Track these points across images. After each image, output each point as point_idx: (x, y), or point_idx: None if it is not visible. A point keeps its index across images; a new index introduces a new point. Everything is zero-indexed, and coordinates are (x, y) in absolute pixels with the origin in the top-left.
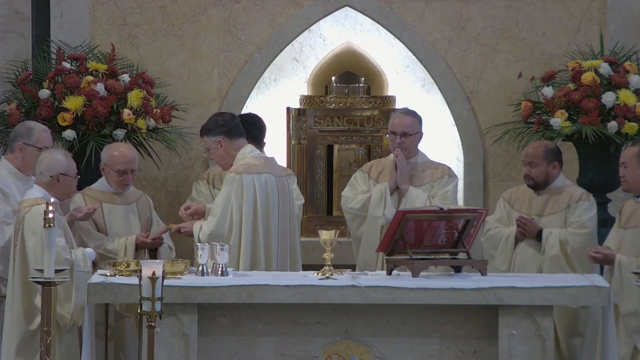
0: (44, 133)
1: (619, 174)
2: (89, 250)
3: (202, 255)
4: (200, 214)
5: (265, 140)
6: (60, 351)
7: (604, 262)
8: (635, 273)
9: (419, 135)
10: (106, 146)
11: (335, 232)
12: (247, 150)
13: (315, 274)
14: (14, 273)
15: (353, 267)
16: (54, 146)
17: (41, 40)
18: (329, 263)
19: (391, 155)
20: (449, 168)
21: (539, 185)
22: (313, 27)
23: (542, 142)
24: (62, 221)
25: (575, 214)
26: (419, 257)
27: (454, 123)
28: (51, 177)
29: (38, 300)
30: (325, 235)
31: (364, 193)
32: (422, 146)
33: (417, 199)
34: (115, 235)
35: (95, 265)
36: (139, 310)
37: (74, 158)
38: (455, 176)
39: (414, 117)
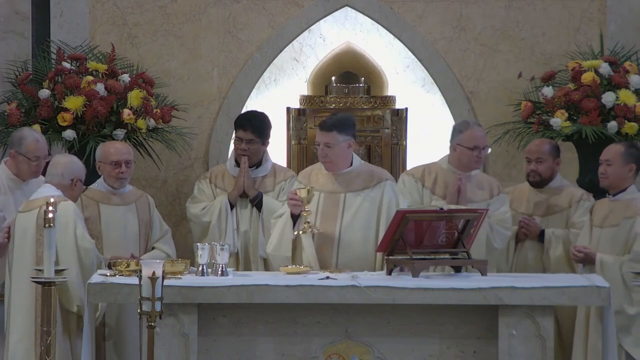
0: (35, 143)
1: (599, 171)
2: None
3: (202, 255)
4: None
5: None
6: (76, 351)
7: (585, 261)
8: (636, 273)
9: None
10: (99, 145)
11: (311, 189)
12: (357, 156)
13: (295, 233)
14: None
15: None
16: (58, 149)
17: (41, 40)
18: (308, 220)
19: (441, 161)
20: (499, 184)
21: (543, 182)
22: (313, 27)
23: (544, 139)
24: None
25: (577, 214)
26: (419, 257)
27: (454, 123)
28: (72, 180)
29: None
30: (302, 193)
31: (417, 203)
32: (422, 146)
33: None
34: (111, 236)
35: None
36: (139, 310)
37: None
38: (504, 192)
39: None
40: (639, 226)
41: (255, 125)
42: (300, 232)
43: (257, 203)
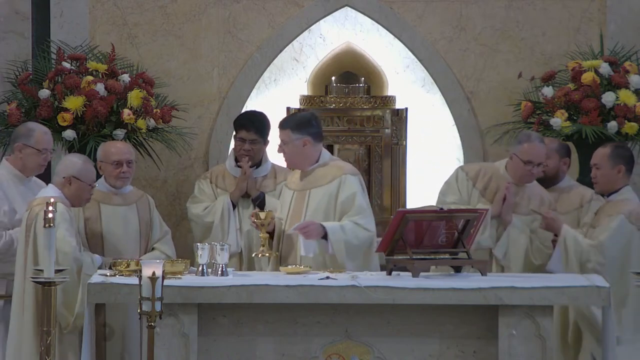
0: (43, 135)
1: (591, 175)
2: (97, 257)
3: (202, 255)
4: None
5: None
6: (60, 352)
7: (553, 227)
8: (636, 273)
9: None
10: (100, 145)
11: (269, 213)
12: (328, 154)
13: (253, 255)
14: (26, 271)
15: None
16: (54, 147)
17: (41, 40)
18: (263, 244)
19: (499, 164)
20: (551, 200)
21: (547, 180)
22: (313, 27)
23: (554, 138)
24: (75, 224)
25: (589, 214)
26: (419, 257)
27: (454, 123)
28: (64, 178)
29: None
30: (261, 216)
31: (463, 202)
32: (422, 146)
33: (520, 237)
34: (112, 236)
35: None
36: (139, 310)
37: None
38: (556, 210)
39: (544, 145)
40: (616, 222)
41: (257, 126)
42: (253, 255)
43: (260, 203)
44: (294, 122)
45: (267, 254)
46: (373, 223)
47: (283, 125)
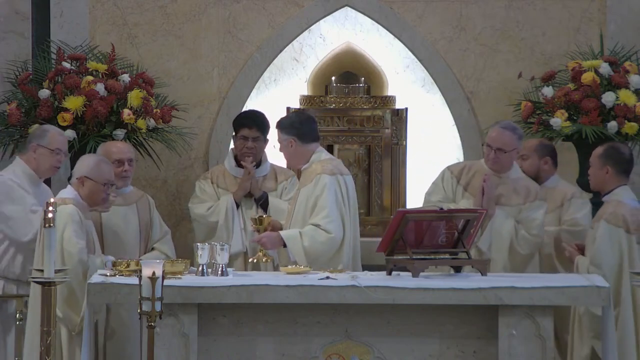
0: (57, 136)
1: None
2: (110, 258)
3: (202, 255)
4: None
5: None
6: (69, 352)
7: (571, 259)
8: (636, 273)
9: (515, 151)
10: (100, 145)
11: (265, 218)
12: (322, 154)
13: (251, 260)
14: None
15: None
16: None
17: (41, 40)
18: (261, 249)
19: (482, 160)
20: (537, 190)
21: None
22: (313, 27)
23: (538, 138)
24: (88, 225)
25: (569, 212)
26: (419, 257)
27: (454, 123)
28: (77, 179)
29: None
30: (258, 221)
31: (448, 199)
32: (422, 146)
33: (503, 226)
34: (112, 236)
35: None
36: (139, 310)
37: (75, 158)
38: (545, 201)
39: (513, 133)
40: (600, 230)
41: (258, 123)
42: (250, 260)
43: (263, 203)
44: (283, 122)
45: (264, 260)
46: (335, 223)
47: (276, 125)
